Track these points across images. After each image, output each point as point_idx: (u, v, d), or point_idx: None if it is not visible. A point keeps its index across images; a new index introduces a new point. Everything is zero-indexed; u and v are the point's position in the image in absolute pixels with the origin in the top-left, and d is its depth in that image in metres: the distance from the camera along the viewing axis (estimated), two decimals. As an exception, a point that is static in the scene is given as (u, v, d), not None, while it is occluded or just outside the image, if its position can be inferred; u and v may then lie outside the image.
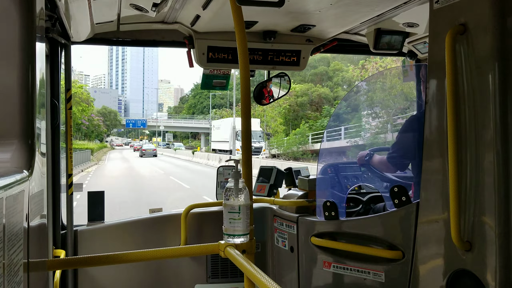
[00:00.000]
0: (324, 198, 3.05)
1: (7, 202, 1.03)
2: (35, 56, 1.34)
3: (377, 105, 3.79)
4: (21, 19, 1.31)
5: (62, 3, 2.42)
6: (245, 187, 2.09)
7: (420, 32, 3.33)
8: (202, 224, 3.69)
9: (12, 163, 1.26)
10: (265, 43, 3.48)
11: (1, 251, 0.98)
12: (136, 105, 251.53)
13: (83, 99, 67.09)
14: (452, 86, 1.97)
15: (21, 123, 1.29)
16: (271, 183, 3.84)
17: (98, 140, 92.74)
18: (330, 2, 2.71)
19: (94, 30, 3.22)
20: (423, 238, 2.27)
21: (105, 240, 3.51)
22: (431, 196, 2.20)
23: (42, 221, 1.69)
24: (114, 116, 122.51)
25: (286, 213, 3.47)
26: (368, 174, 3.12)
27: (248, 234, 2.08)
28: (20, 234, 1.18)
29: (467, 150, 1.96)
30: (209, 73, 3.73)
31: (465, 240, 1.96)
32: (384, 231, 2.62)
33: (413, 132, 2.75)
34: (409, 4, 2.67)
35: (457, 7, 2.03)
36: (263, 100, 3.96)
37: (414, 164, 2.79)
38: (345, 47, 3.94)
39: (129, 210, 14.43)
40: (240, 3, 1.96)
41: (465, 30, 1.97)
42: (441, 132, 2.09)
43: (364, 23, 3.22)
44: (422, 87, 2.85)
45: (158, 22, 3.27)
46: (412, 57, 3.69)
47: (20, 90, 1.30)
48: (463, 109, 1.98)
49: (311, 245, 3.10)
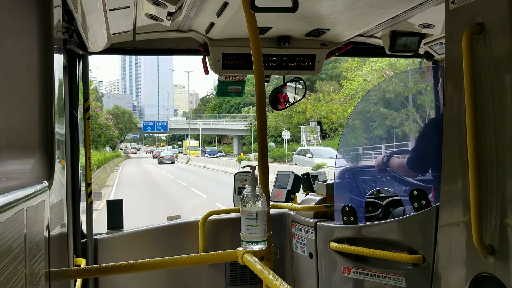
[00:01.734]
0: (343, 203, 3.02)
1: (28, 213, 1.05)
2: (53, 68, 1.36)
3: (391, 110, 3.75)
4: (39, 31, 1.33)
5: (79, 15, 2.46)
6: (262, 193, 2.09)
7: (437, 33, 3.29)
8: (220, 231, 3.70)
9: (32, 173, 1.28)
10: (279, 48, 3.48)
11: (23, 261, 0.99)
12: (151, 110, 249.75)
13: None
14: (470, 87, 1.94)
15: (40, 134, 1.31)
16: (288, 188, 3.82)
17: (110, 148, 74.81)
18: (344, 5, 2.70)
19: (111, 40, 3.26)
20: (444, 242, 2.23)
21: (125, 248, 3.54)
22: (451, 199, 2.16)
23: (63, 230, 1.71)
24: (129, 117, 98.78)
25: (304, 218, 3.44)
26: (387, 178, 3.09)
27: (266, 241, 2.07)
28: (41, 244, 1.19)
29: (487, 152, 1.92)
30: (224, 80, 3.74)
31: (487, 243, 1.92)
32: (404, 235, 2.58)
33: (432, 135, 2.71)
34: (424, 5, 2.64)
35: (473, 7, 2.00)
36: (278, 105, 3.95)
37: (434, 167, 2.74)
38: (360, 50, 3.91)
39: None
40: (254, 10, 1.96)
41: (482, 30, 1.94)
42: (460, 134, 2.06)
43: (379, 26, 3.20)
44: (440, 88, 2.81)
45: (173, 30, 3.30)
46: (429, 58, 3.65)
47: (39, 101, 1.32)
48: (482, 110, 1.94)
49: (330, 250, 3.07)
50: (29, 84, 1.32)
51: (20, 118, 1.31)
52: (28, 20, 1.33)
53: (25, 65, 1.32)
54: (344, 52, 3.74)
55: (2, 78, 1.29)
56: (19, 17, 1.32)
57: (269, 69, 3.52)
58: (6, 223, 0.88)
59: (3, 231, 0.86)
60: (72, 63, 3.06)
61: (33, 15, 1.33)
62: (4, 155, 1.27)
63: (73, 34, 2.77)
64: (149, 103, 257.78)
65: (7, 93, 1.30)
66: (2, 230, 0.85)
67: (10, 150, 1.28)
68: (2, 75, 1.29)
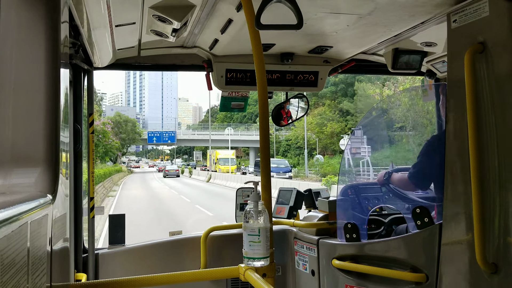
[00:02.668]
0: (345, 220, 3.01)
1: (32, 226, 1.05)
2: (59, 82, 1.38)
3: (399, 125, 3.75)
4: (46, 46, 1.35)
5: (85, 31, 2.49)
6: (265, 209, 2.08)
7: (439, 51, 3.31)
8: (222, 247, 3.68)
9: (36, 187, 1.28)
10: (282, 64, 3.51)
11: (25, 275, 0.99)
12: (155, 122, 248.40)
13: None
14: (473, 106, 1.95)
15: (45, 148, 1.32)
16: (291, 205, 3.81)
17: (110, 162, 64.35)
18: (347, 23, 2.73)
19: (116, 55, 3.30)
20: (447, 260, 2.21)
21: (126, 263, 3.52)
22: (454, 217, 2.15)
23: (65, 244, 1.71)
24: (132, 127, 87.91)
25: (307, 235, 3.43)
26: (390, 195, 3.08)
27: (268, 257, 2.06)
28: (44, 258, 1.19)
29: (490, 169, 1.92)
30: (227, 96, 3.76)
31: (490, 262, 1.90)
32: (407, 253, 2.57)
33: (435, 152, 2.71)
34: (426, 23, 2.67)
35: (475, 26, 2.02)
36: (281, 121, 3.97)
37: (437, 185, 2.74)
38: (363, 67, 3.94)
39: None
40: (259, 27, 1.98)
41: (484, 49, 1.95)
42: (462, 152, 2.06)
43: (381, 43, 3.22)
44: (442, 106, 2.82)
45: (178, 46, 3.33)
46: (431, 76, 3.67)
47: (44, 115, 1.33)
48: (484, 128, 1.95)
49: (332, 268, 3.05)
50: (35, 98, 1.33)
51: (25, 131, 1.32)
52: (35, 35, 1.35)
53: (31, 79, 1.34)
54: (347, 69, 3.77)
55: (9, 92, 1.30)
56: (28, 32, 1.34)
57: (272, 85, 3.54)
58: (10, 237, 0.88)
59: (7, 245, 0.86)
60: (77, 78, 3.08)
61: (41, 30, 1.35)
62: (8, 168, 1.27)
63: (79, 49, 2.80)
64: (153, 115, 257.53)
65: (13, 106, 1.31)
66: (6, 243, 0.85)
67: (15, 163, 1.29)
68: (9, 89, 1.30)
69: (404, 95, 4.41)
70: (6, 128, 1.29)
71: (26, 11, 1.34)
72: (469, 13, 2.07)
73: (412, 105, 3.56)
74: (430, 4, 2.33)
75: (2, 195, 1.19)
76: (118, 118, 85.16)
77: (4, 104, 1.29)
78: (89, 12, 2.25)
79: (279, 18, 2.07)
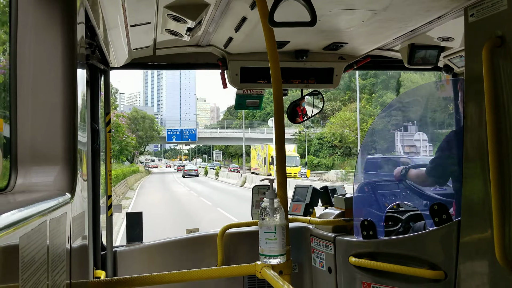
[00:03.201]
0: (362, 217, 2.99)
1: (51, 224, 1.07)
2: (77, 82, 1.40)
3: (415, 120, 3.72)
4: (63, 47, 1.37)
5: (101, 31, 2.52)
6: (281, 206, 2.08)
7: (456, 46, 3.26)
8: (239, 244, 3.69)
9: (55, 186, 1.31)
10: (297, 62, 3.50)
11: (45, 272, 1.01)
12: (173, 121, 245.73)
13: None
14: (491, 101, 1.92)
15: (63, 148, 1.34)
16: (307, 202, 3.80)
17: (127, 161, 60.62)
18: (362, 19, 2.71)
19: (132, 55, 3.33)
20: (466, 258, 2.18)
21: (144, 260, 3.56)
22: (473, 213, 2.12)
23: (83, 242, 1.73)
24: (150, 124, 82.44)
25: (323, 232, 3.42)
26: (407, 192, 3.05)
27: (284, 255, 2.06)
28: (63, 256, 1.21)
29: (510, 166, 1.89)
30: (242, 93, 3.77)
31: (510, 259, 1.87)
32: (425, 250, 2.54)
33: (453, 147, 2.68)
34: (443, 18, 2.63)
35: (493, 20, 1.98)
36: (297, 118, 3.96)
37: (455, 181, 2.70)
38: (378, 63, 3.90)
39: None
40: (273, 25, 1.98)
41: (502, 43, 1.92)
42: (481, 148, 2.03)
43: (397, 39, 3.19)
44: (460, 102, 2.78)
45: (192, 45, 3.35)
46: (449, 71, 3.62)
47: (62, 115, 1.35)
48: (503, 124, 1.91)
49: (349, 265, 3.03)
50: (53, 98, 1.36)
51: (44, 131, 1.35)
52: (52, 36, 1.37)
53: (49, 79, 1.36)
54: (362, 65, 3.74)
55: (27, 92, 1.33)
56: (45, 33, 1.36)
57: (287, 83, 3.53)
58: (30, 235, 0.90)
59: (27, 242, 0.88)
60: (94, 78, 3.12)
61: (58, 31, 1.37)
62: (28, 167, 1.30)
63: (95, 50, 2.84)
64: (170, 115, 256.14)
65: (32, 106, 1.33)
66: (26, 241, 0.87)
67: (34, 162, 1.31)
68: (27, 89, 1.33)
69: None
70: (25, 128, 1.31)
71: (43, 12, 1.36)
72: (486, 7, 2.03)
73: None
74: None
75: (22, 193, 1.22)
76: (135, 114, 79.58)
77: (23, 104, 1.31)
78: (105, 13, 2.28)
79: (293, 16, 2.06)
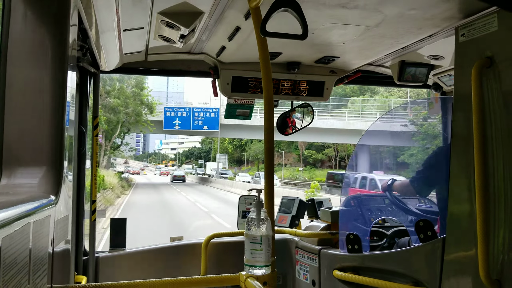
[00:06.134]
0: (347, 231, 2.99)
1: (34, 227, 1.05)
2: (66, 85, 1.38)
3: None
4: (54, 49, 1.36)
5: (93, 34, 2.51)
6: (268, 217, 2.07)
7: (446, 64, 3.31)
8: (223, 254, 3.66)
9: (40, 188, 1.28)
10: (289, 73, 3.52)
11: (26, 275, 0.99)
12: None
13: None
14: (479, 120, 1.94)
15: (50, 150, 1.32)
16: (293, 214, 3.80)
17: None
18: (354, 34, 2.73)
19: (123, 60, 3.31)
20: (450, 275, 2.19)
21: (126, 267, 3.51)
22: (457, 231, 2.14)
23: (66, 246, 1.71)
24: (136, 95, 45.23)
25: (308, 245, 3.41)
26: (392, 207, 3.06)
27: (269, 266, 2.04)
28: (45, 259, 1.19)
29: (496, 184, 1.91)
30: (233, 103, 3.77)
31: (494, 278, 1.88)
32: (409, 266, 2.55)
33: (439, 164, 2.71)
34: (434, 36, 2.67)
35: (483, 40, 2.02)
36: (286, 130, 3.97)
37: (440, 198, 2.72)
38: (369, 78, 3.94)
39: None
40: (264, 34, 1.99)
41: (491, 64, 1.95)
42: (468, 166, 2.05)
43: (388, 55, 3.23)
44: (448, 119, 2.82)
45: (185, 52, 3.35)
46: (438, 89, 3.66)
47: (50, 117, 1.34)
48: (490, 144, 1.94)
49: (333, 279, 3.03)
50: (42, 99, 1.34)
51: (31, 132, 1.33)
52: (44, 38, 1.36)
53: (39, 81, 1.35)
54: (353, 80, 3.77)
55: (16, 93, 1.31)
56: (36, 34, 1.35)
57: (277, 94, 3.54)
58: (13, 236, 0.88)
59: (9, 244, 0.86)
60: (83, 81, 3.10)
61: (49, 33, 1.36)
62: (13, 168, 1.28)
63: (86, 52, 2.82)
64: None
65: (20, 107, 1.31)
66: (8, 243, 0.85)
67: (19, 163, 1.29)
68: (16, 90, 1.31)
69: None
70: (11, 128, 1.29)
71: (36, 13, 1.35)
72: (477, 28, 2.07)
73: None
74: (438, 18, 2.34)
75: (5, 194, 1.19)
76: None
77: (10, 105, 1.29)
78: (98, 16, 2.27)
79: (286, 27, 2.07)
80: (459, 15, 2.23)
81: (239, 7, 2.34)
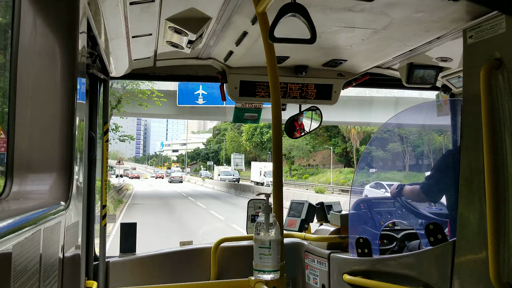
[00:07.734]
0: (357, 235, 2.98)
1: (45, 233, 1.06)
2: (76, 91, 1.40)
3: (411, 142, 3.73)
4: (65, 56, 1.38)
5: (103, 41, 2.53)
6: (276, 221, 2.07)
7: (454, 66, 3.29)
8: (232, 258, 3.66)
9: (50, 194, 1.30)
10: (296, 77, 3.52)
11: (37, 281, 1.00)
12: (159, 127, 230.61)
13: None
14: (488, 121, 1.93)
15: (60, 156, 1.34)
16: (302, 217, 3.79)
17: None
18: (362, 37, 2.73)
19: (132, 66, 3.34)
20: (460, 279, 2.17)
21: (136, 272, 3.52)
22: (468, 234, 2.12)
23: (77, 252, 1.72)
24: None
25: (318, 249, 3.40)
26: (403, 210, 3.04)
27: (278, 270, 2.04)
28: (56, 265, 1.20)
29: (506, 186, 1.89)
30: (241, 107, 3.78)
31: (504, 281, 1.87)
32: (420, 270, 2.53)
33: (449, 167, 2.68)
34: (442, 38, 2.66)
35: (492, 42, 2.01)
36: (294, 133, 3.96)
37: (450, 201, 2.70)
38: (377, 81, 3.93)
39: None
40: (272, 40, 1.99)
41: (500, 65, 1.94)
42: (477, 169, 2.03)
43: (396, 58, 3.22)
44: (457, 121, 2.80)
45: (193, 58, 3.37)
46: (446, 91, 3.64)
47: (60, 123, 1.35)
48: (500, 146, 1.92)
49: (343, 283, 3.01)
50: (52, 106, 1.36)
51: (41, 139, 1.34)
52: (54, 45, 1.37)
53: (49, 87, 1.36)
54: (361, 83, 3.76)
55: (27, 99, 1.33)
56: (46, 41, 1.37)
57: (285, 97, 3.55)
58: (24, 243, 0.89)
59: (20, 251, 0.87)
60: (93, 87, 3.13)
61: (59, 40, 1.38)
62: (23, 175, 1.29)
63: (96, 59, 2.85)
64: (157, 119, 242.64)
65: (30, 114, 1.33)
66: (19, 250, 0.86)
67: (30, 170, 1.30)
68: (26, 96, 1.33)
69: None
70: (23, 135, 1.31)
71: (45, 21, 1.37)
72: (485, 29, 2.05)
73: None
74: (446, 20, 2.33)
75: (16, 201, 1.21)
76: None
77: (21, 112, 1.31)
78: (107, 23, 2.29)
79: (294, 32, 2.08)
80: (467, 17, 2.22)
81: (246, 12, 2.36)
